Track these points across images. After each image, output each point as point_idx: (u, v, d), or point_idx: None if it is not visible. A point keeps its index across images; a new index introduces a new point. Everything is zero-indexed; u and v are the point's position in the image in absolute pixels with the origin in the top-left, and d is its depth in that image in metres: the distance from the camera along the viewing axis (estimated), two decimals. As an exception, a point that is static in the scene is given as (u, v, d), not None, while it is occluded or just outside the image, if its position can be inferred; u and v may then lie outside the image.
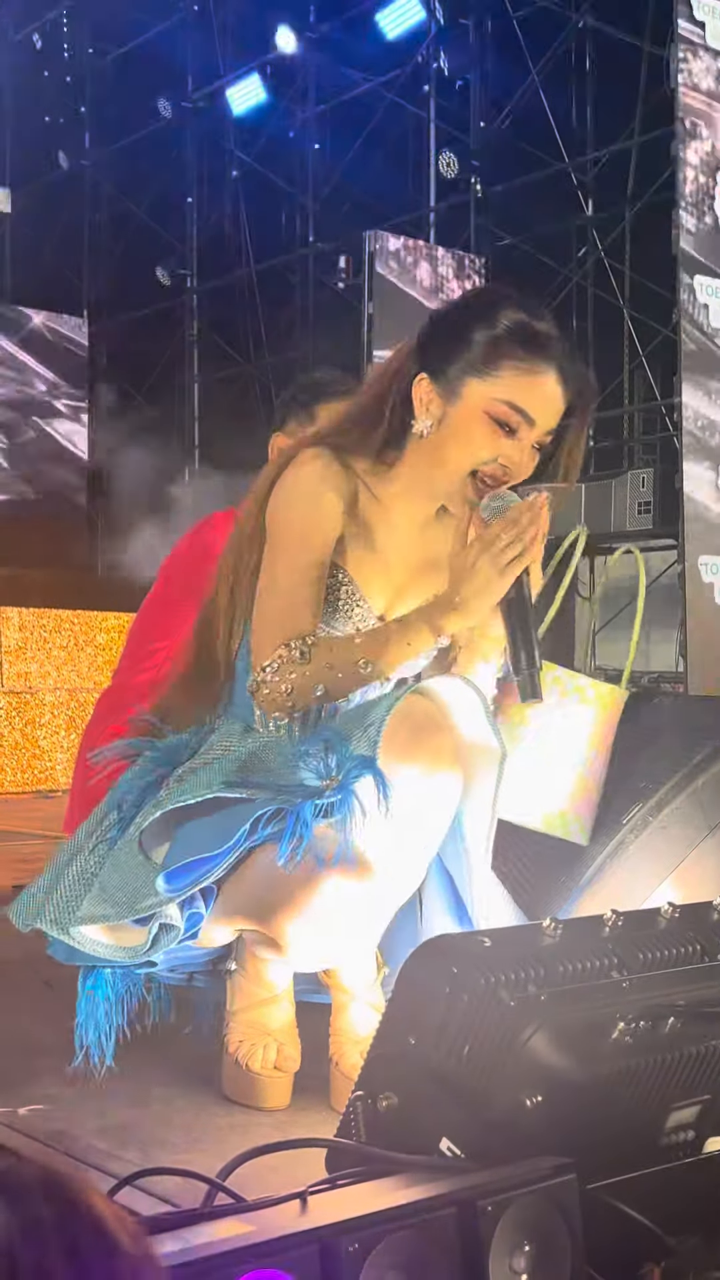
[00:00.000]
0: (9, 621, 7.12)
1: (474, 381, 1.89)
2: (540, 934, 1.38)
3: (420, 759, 1.72)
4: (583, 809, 1.96)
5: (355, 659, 1.82)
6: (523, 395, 1.88)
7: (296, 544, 1.90)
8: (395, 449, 1.97)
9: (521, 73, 9.39)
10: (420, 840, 1.78)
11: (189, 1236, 1.04)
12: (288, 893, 1.68)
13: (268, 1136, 1.56)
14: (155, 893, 1.72)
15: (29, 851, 4.57)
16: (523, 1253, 1.12)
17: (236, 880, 1.76)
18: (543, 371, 1.89)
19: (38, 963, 2.50)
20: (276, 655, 1.82)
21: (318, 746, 1.71)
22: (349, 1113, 1.33)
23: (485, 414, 1.89)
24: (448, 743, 1.75)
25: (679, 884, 1.88)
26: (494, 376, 1.89)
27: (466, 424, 1.90)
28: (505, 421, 1.88)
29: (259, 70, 10.60)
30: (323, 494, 1.91)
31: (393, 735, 1.70)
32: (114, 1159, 1.61)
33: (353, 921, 1.73)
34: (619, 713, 2.00)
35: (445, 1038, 1.29)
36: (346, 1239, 1.02)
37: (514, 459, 1.89)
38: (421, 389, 1.93)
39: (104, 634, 7.31)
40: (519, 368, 1.89)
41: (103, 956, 1.79)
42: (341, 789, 1.65)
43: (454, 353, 1.91)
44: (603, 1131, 1.30)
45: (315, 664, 1.81)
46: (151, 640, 2.90)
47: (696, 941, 1.47)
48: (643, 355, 9.30)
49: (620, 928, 1.43)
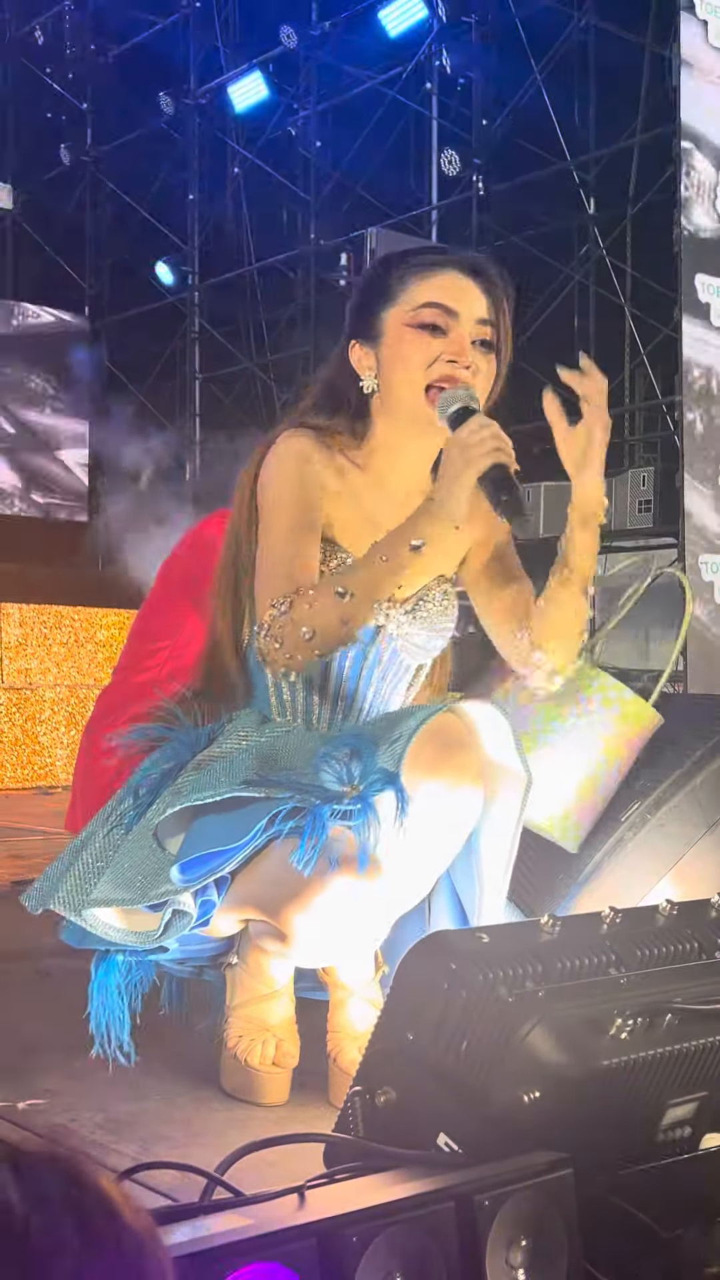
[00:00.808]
0: (9, 618, 7.13)
1: (390, 311, 1.96)
2: (539, 930, 1.39)
3: (445, 775, 1.74)
4: (584, 816, 1.97)
5: (331, 590, 1.83)
6: (436, 292, 1.94)
7: (282, 512, 1.92)
8: (363, 420, 2.01)
9: (523, 71, 9.38)
10: (434, 852, 1.80)
11: (187, 1230, 1.04)
12: (298, 888, 1.69)
13: (267, 1132, 1.57)
14: (169, 882, 1.74)
15: (28, 847, 4.57)
16: (520, 1247, 1.12)
17: (249, 871, 1.77)
18: (445, 268, 1.96)
19: (38, 959, 2.52)
20: (267, 616, 1.84)
21: (343, 751, 1.72)
22: (347, 1108, 1.34)
23: (409, 327, 1.94)
24: (473, 761, 1.76)
25: (677, 881, 1.89)
26: (403, 295, 1.95)
27: (397, 345, 1.94)
28: (429, 323, 1.92)
29: (261, 67, 10.58)
30: (304, 463, 1.94)
31: (420, 750, 1.72)
32: (114, 1153, 1.61)
33: (358, 922, 1.74)
34: (648, 734, 2.00)
35: (443, 1033, 1.29)
36: (344, 1232, 1.03)
37: (455, 350, 1.92)
38: (355, 353, 1.99)
39: (104, 630, 7.32)
40: (421, 275, 1.95)
41: (115, 940, 1.81)
42: (361, 799, 1.66)
43: (369, 307, 1.98)
44: (600, 1127, 1.30)
45: (297, 610, 1.82)
46: (153, 639, 2.91)
47: (694, 939, 1.48)
48: (644, 354, 9.30)
49: (618, 925, 1.43)
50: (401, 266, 1.97)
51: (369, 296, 1.99)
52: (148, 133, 11.41)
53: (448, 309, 1.92)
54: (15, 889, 3.59)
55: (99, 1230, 0.69)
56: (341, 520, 1.95)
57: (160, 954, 1.85)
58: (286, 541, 1.90)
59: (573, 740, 1.96)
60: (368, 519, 1.97)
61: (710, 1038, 1.36)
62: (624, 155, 9.25)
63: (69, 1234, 0.68)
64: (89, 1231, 0.69)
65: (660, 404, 9.10)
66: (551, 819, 1.96)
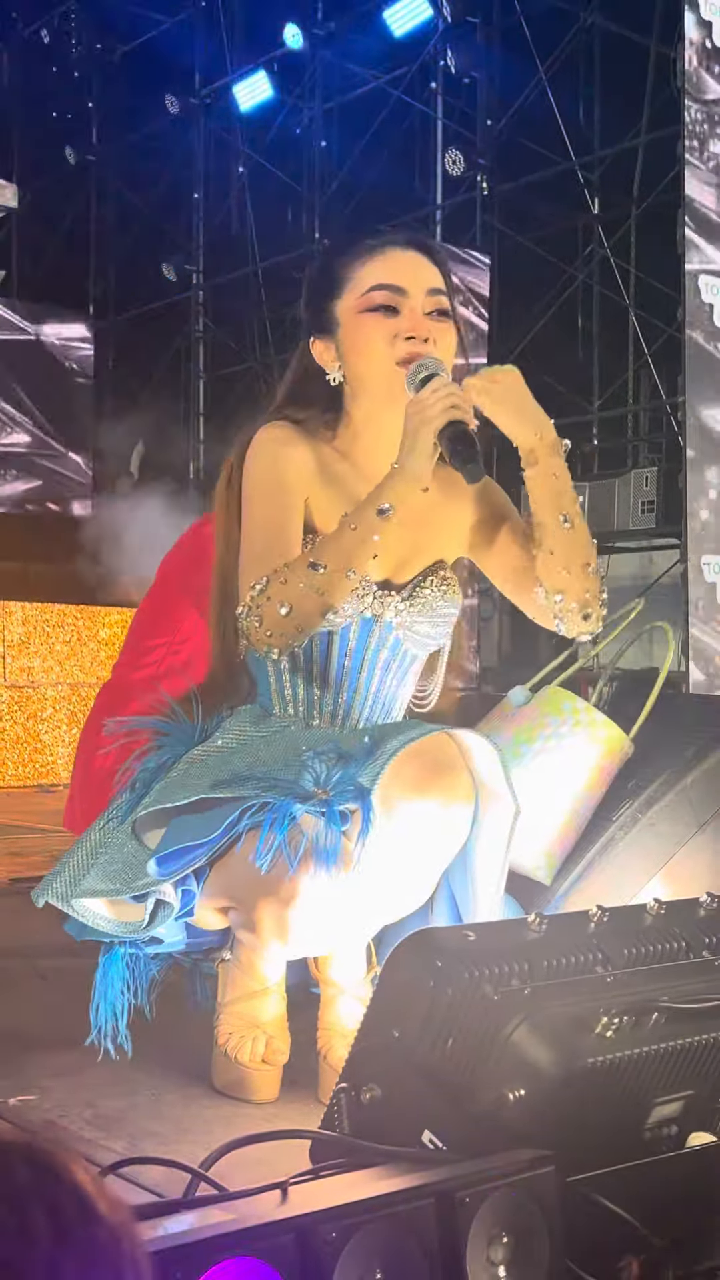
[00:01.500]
0: (12, 616, 7.13)
1: (340, 302, 1.98)
2: (525, 929, 1.39)
3: (434, 792, 1.75)
4: (559, 849, 1.97)
5: (305, 563, 1.83)
6: (380, 273, 1.95)
7: (262, 497, 1.94)
8: (335, 411, 2.02)
9: (529, 71, 9.37)
10: (425, 866, 1.80)
11: (168, 1224, 1.05)
12: (267, 880, 1.71)
13: (255, 1128, 1.57)
14: (148, 874, 1.76)
15: (27, 845, 4.58)
16: (501, 1244, 1.12)
17: (224, 863, 1.79)
18: (384, 248, 1.97)
19: (33, 957, 2.52)
20: (247, 598, 1.85)
21: (331, 754, 1.74)
22: (333, 1104, 1.34)
23: (362, 313, 1.95)
24: (464, 780, 1.76)
25: (668, 881, 1.89)
26: (350, 283, 1.97)
27: (355, 334, 1.96)
28: (381, 305, 1.94)
29: (266, 67, 10.57)
30: (283, 448, 1.96)
31: (404, 767, 1.73)
32: (102, 1149, 1.62)
33: (330, 916, 1.75)
34: (621, 761, 1.99)
35: (429, 1031, 1.30)
36: (324, 1228, 1.03)
37: (412, 327, 1.93)
38: (317, 348, 2.01)
39: (106, 629, 7.32)
40: (364, 260, 1.97)
41: (106, 930, 1.83)
42: (327, 804, 1.69)
43: (319, 301, 2.00)
44: (585, 1126, 1.30)
45: (273, 586, 1.82)
46: (150, 637, 2.91)
47: (682, 938, 1.48)
48: (648, 354, 9.28)
49: (605, 923, 1.44)
50: (344, 255, 1.99)
51: (318, 290, 2.01)
52: (153, 132, 11.41)
53: (396, 288, 1.94)
54: (15, 886, 3.60)
55: (71, 1225, 0.69)
56: (325, 507, 1.95)
57: (155, 945, 1.86)
58: (266, 525, 1.91)
59: (546, 767, 1.96)
60: (353, 504, 1.97)
61: (697, 1036, 1.36)
62: (629, 155, 9.24)
63: (41, 1228, 0.68)
64: (61, 1226, 0.68)
65: (664, 404, 9.08)
66: (536, 860, 1.96)
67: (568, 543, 1.87)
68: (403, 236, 2.00)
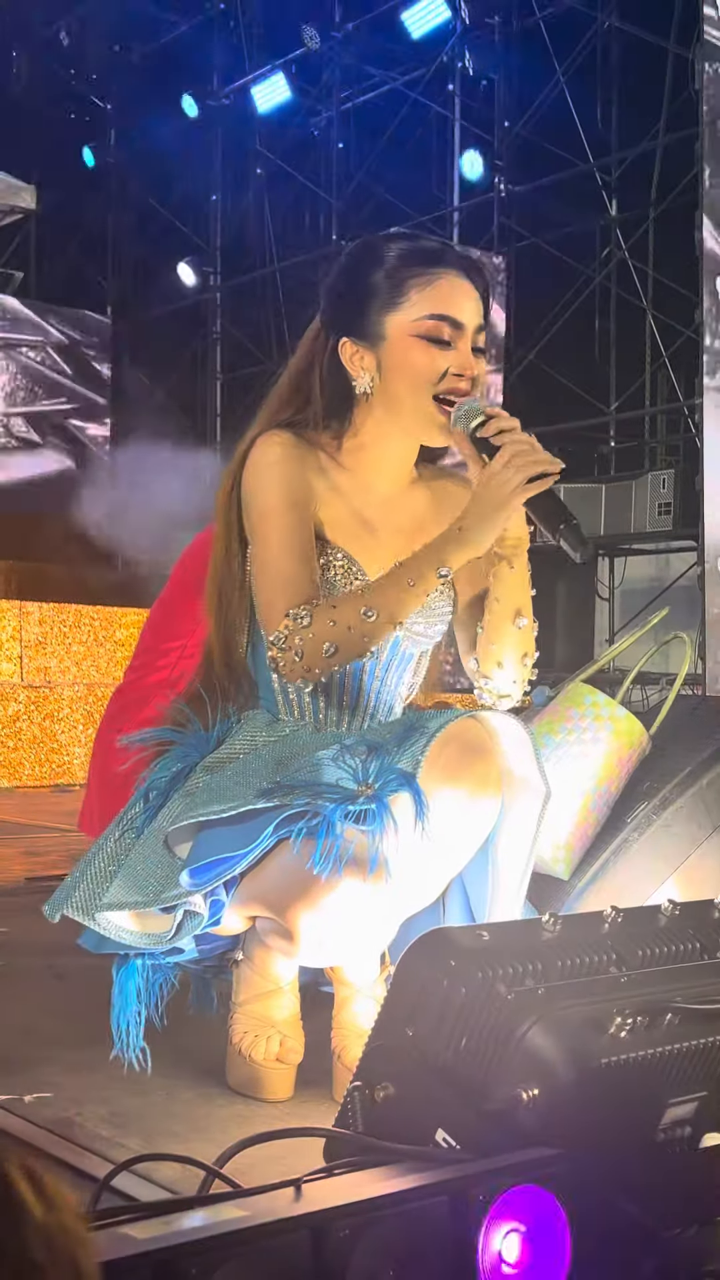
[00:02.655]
0: (30, 616, 7.16)
1: (391, 317, 1.94)
2: (539, 929, 1.39)
3: (465, 781, 1.73)
4: (578, 842, 1.97)
5: (358, 608, 1.82)
6: (441, 303, 1.92)
7: (277, 518, 1.91)
8: (339, 419, 2.00)
9: (546, 72, 9.37)
10: (448, 857, 1.80)
11: (182, 1221, 1.05)
12: (306, 888, 1.69)
13: (269, 1127, 1.57)
14: (180, 886, 1.75)
15: (45, 844, 4.59)
16: (514, 1243, 1.13)
17: (258, 870, 1.77)
18: (446, 274, 1.94)
19: (49, 955, 2.53)
20: (282, 626, 1.83)
21: (361, 749, 1.73)
22: (347, 1103, 1.35)
23: (415, 338, 1.92)
24: (494, 769, 1.75)
25: (682, 882, 1.88)
26: (406, 301, 1.93)
27: (404, 356, 1.93)
28: (436, 336, 1.92)
29: (284, 69, 10.59)
30: (290, 466, 1.93)
31: (440, 753, 1.72)
32: (117, 1147, 1.62)
33: (366, 923, 1.74)
34: (639, 754, 2.00)
35: (443, 1030, 1.30)
36: (337, 1225, 1.04)
37: (463, 365, 1.92)
38: (347, 350, 1.97)
39: (123, 629, 7.34)
40: (424, 282, 1.93)
41: (129, 943, 1.82)
42: (376, 799, 1.66)
43: (360, 304, 1.96)
44: (598, 1126, 1.30)
45: (319, 624, 1.81)
46: (163, 640, 2.91)
47: (696, 939, 1.48)
48: (665, 356, 9.27)
49: (619, 924, 1.44)
50: (395, 265, 1.94)
51: (359, 292, 1.96)
52: (171, 134, 11.43)
53: (455, 321, 1.92)
54: (31, 885, 3.61)
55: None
56: (330, 518, 1.95)
57: (176, 955, 1.86)
58: (285, 549, 1.89)
59: (565, 759, 1.96)
60: (356, 516, 1.97)
61: (711, 1038, 1.36)
62: (647, 157, 9.22)
63: None
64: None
65: (681, 407, 9.07)
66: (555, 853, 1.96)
67: (515, 641, 1.92)
68: (458, 262, 1.96)
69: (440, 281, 1.93)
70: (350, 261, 2.02)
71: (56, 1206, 0.68)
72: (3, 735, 6.86)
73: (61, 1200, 0.69)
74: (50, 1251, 0.66)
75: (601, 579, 9.36)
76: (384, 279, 1.95)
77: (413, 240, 1.99)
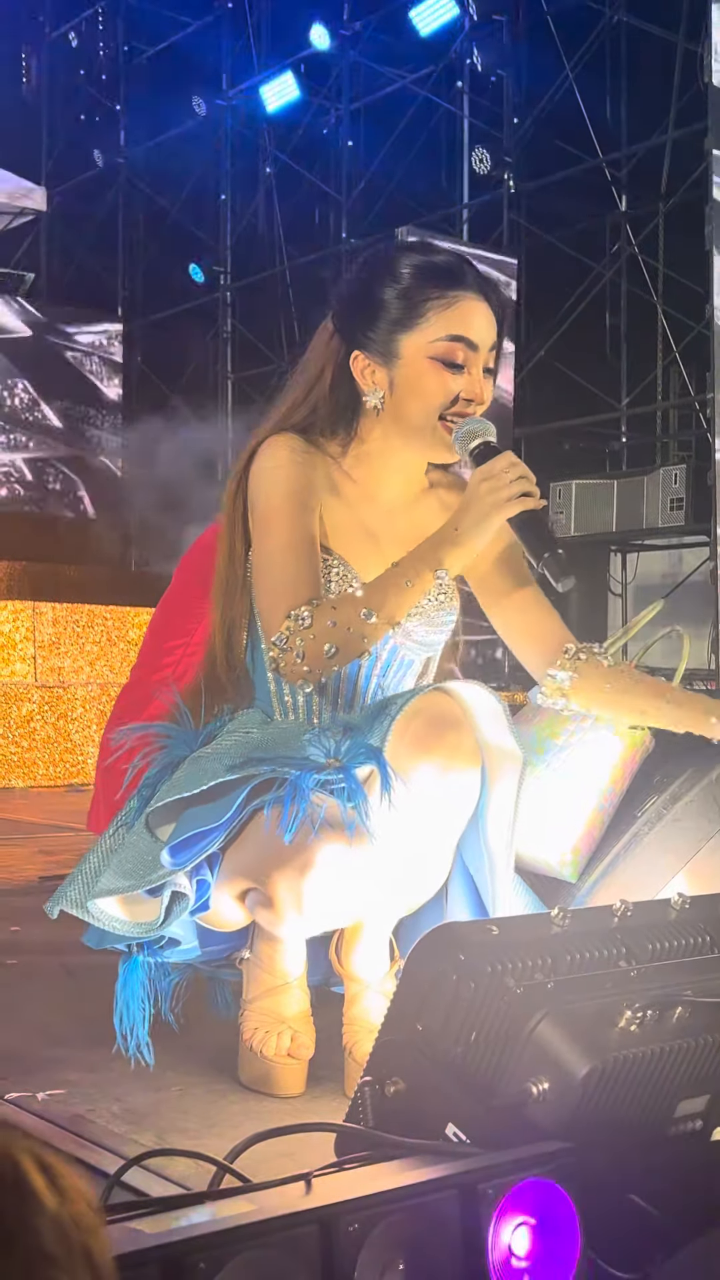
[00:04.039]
0: (43, 616, 7.18)
1: (405, 336, 1.94)
2: (548, 923, 1.39)
3: (438, 753, 1.74)
4: (586, 846, 1.97)
5: (357, 610, 1.84)
6: (458, 324, 1.92)
7: (281, 519, 1.92)
8: (346, 430, 2.00)
9: (555, 68, 9.36)
10: (438, 835, 1.80)
11: (192, 1215, 1.05)
12: (284, 854, 1.72)
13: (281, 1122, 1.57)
14: (162, 866, 1.76)
15: (58, 844, 4.60)
16: (524, 1236, 1.13)
17: (238, 844, 1.80)
18: (463, 296, 1.94)
19: (63, 954, 2.54)
20: (284, 628, 1.84)
21: (336, 728, 1.75)
22: (357, 1098, 1.35)
23: (430, 360, 1.92)
24: (468, 740, 1.76)
25: (692, 877, 1.88)
26: (422, 322, 1.93)
27: (417, 377, 1.93)
28: (451, 360, 1.92)
29: (293, 68, 10.60)
30: (296, 469, 1.94)
31: (407, 727, 1.73)
32: (129, 1143, 1.63)
33: (345, 889, 1.75)
34: (643, 755, 2.00)
35: (452, 1024, 1.30)
36: (347, 1219, 1.04)
37: (473, 391, 1.93)
38: (359, 364, 1.97)
39: (136, 630, 7.35)
40: (440, 303, 1.93)
41: (121, 933, 1.83)
42: (343, 770, 1.69)
43: (374, 319, 1.95)
44: (609, 1119, 1.30)
45: (319, 625, 1.83)
46: (168, 638, 2.91)
47: (706, 932, 1.48)
48: (676, 352, 9.25)
49: (629, 917, 1.44)
50: (411, 284, 1.93)
51: (373, 307, 1.95)
52: (180, 134, 11.45)
53: (470, 344, 1.92)
54: (44, 884, 3.62)
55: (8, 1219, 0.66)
56: (333, 526, 1.96)
57: (173, 948, 1.87)
58: (289, 550, 1.90)
59: (572, 764, 1.96)
60: (360, 525, 1.98)
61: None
62: (656, 152, 9.21)
63: None
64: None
65: (693, 402, 9.05)
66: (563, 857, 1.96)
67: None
68: (476, 283, 1.95)
69: (460, 304, 1.93)
70: (363, 274, 2.02)
71: (70, 1197, 0.68)
72: (17, 736, 6.88)
73: (75, 1191, 0.69)
74: (63, 1243, 0.66)
75: (614, 575, 9.34)
76: (399, 297, 1.94)
77: (427, 254, 1.97)
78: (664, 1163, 1.34)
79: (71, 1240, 0.67)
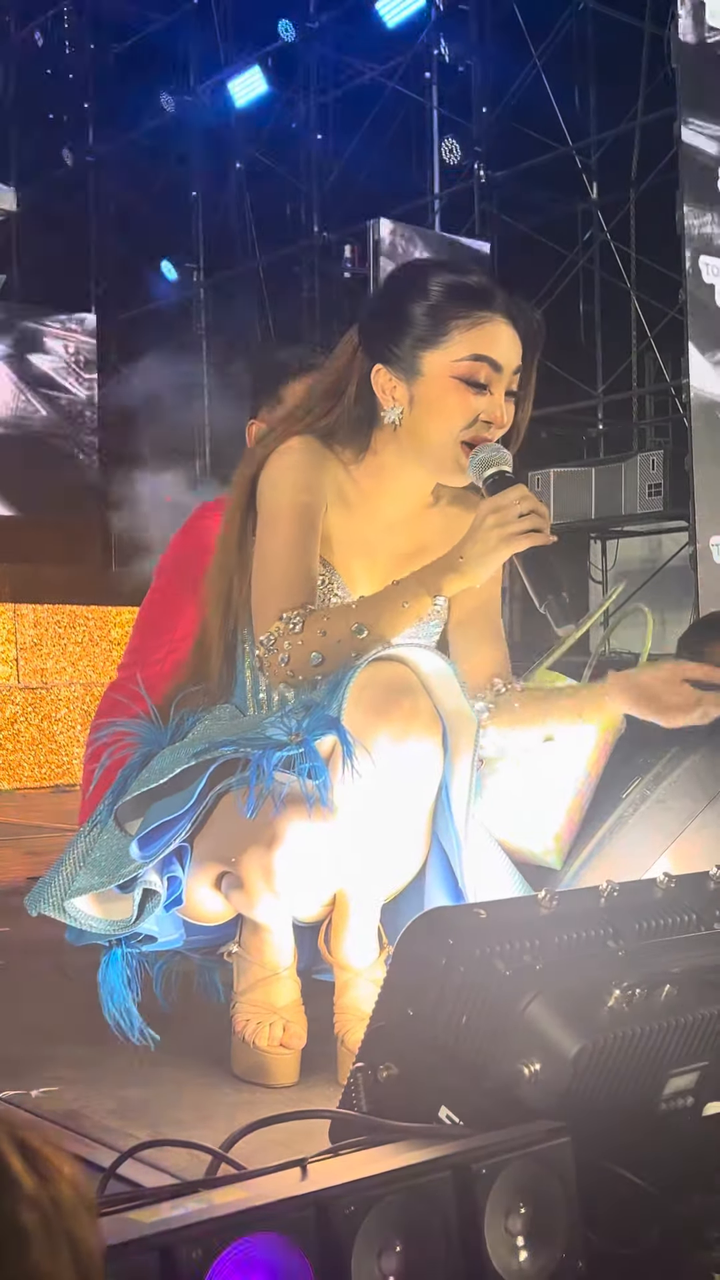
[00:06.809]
0: (25, 618, 7.16)
1: (429, 354, 1.92)
2: (536, 905, 1.40)
3: (395, 719, 1.75)
4: (567, 833, 1.98)
5: (349, 624, 1.83)
6: (483, 344, 1.91)
7: (287, 521, 1.92)
8: (362, 440, 1.99)
9: (523, 57, 9.37)
10: (406, 802, 1.81)
11: (188, 1203, 1.06)
12: (251, 833, 1.73)
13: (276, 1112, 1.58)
14: (132, 859, 1.77)
15: (44, 845, 4.60)
16: (519, 1215, 1.13)
17: (205, 831, 1.81)
18: (489, 318, 1.92)
19: (51, 953, 2.54)
20: (273, 628, 1.84)
21: (299, 709, 1.76)
22: (350, 1084, 1.35)
23: (452, 379, 1.91)
24: (424, 704, 1.76)
25: (677, 857, 1.89)
26: (446, 341, 1.91)
27: (439, 396, 1.92)
28: (474, 379, 1.90)
29: (260, 62, 10.58)
30: (310, 474, 1.94)
31: (360, 695, 1.73)
32: (125, 1136, 1.63)
33: (311, 859, 1.76)
34: (615, 736, 2.01)
35: (443, 1008, 1.31)
36: (343, 1202, 1.05)
37: (494, 414, 1.92)
38: (381, 379, 1.95)
39: (118, 629, 7.35)
40: (466, 323, 1.91)
41: (96, 930, 1.84)
42: (303, 744, 1.69)
43: (399, 334, 1.94)
44: (601, 1098, 1.31)
45: (309, 632, 1.83)
46: (154, 635, 2.91)
47: (692, 910, 1.49)
48: (650, 337, 9.27)
49: (616, 898, 1.44)
50: (439, 301, 1.92)
51: (399, 321, 1.93)
52: (149, 131, 11.42)
53: (494, 363, 1.91)
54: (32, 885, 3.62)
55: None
56: (334, 536, 1.96)
57: (150, 944, 1.88)
58: (291, 550, 1.90)
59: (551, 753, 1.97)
60: (358, 538, 1.98)
61: (710, 1008, 1.37)
62: (625, 139, 9.23)
63: None
64: None
65: (669, 387, 9.07)
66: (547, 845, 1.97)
67: None
68: (505, 307, 1.93)
69: (486, 325, 1.91)
70: (393, 286, 2.01)
71: (51, 1180, 0.68)
72: (1, 738, 6.87)
73: (58, 1174, 0.68)
74: (42, 1224, 0.66)
75: (594, 561, 9.36)
76: (427, 314, 1.92)
77: (459, 274, 1.95)
78: (656, 1139, 1.35)
79: (51, 1222, 0.67)
